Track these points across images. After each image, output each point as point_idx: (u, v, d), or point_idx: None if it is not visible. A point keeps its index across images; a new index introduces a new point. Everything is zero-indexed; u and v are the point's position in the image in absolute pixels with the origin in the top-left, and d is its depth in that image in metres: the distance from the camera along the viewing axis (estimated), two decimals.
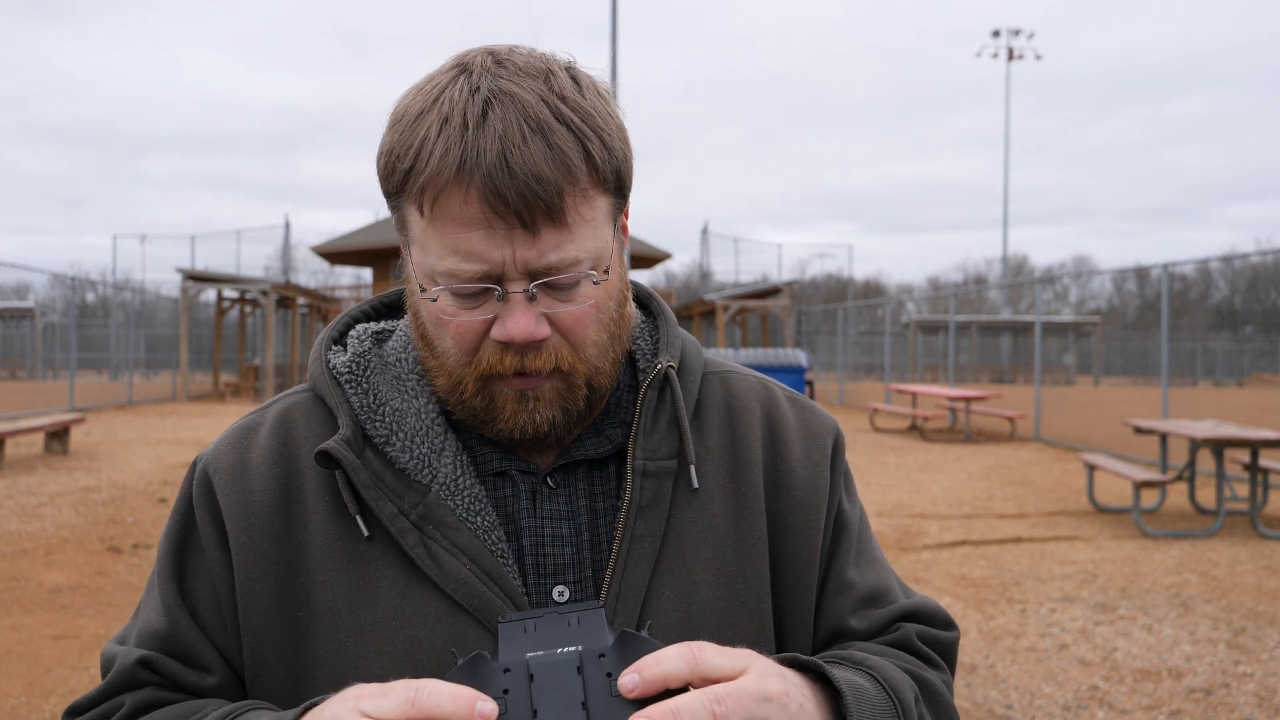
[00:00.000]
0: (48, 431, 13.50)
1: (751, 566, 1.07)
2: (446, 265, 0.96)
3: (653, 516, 1.04)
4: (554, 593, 1.03)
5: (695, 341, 1.16)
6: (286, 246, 45.01)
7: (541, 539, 1.04)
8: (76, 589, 6.55)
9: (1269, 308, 55.07)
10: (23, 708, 4.54)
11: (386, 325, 1.16)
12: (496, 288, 0.96)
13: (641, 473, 1.05)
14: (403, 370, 1.09)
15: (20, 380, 36.01)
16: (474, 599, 0.99)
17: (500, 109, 0.93)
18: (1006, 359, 47.17)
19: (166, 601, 1.06)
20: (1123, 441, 14.70)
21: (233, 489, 1.05)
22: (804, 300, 49.75)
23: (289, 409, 1.11)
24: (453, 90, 0.95)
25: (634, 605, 1.01)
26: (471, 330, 0.98)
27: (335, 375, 1.09)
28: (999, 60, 52.79)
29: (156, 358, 40.50)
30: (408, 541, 1.00)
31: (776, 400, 1.18)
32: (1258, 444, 8.57)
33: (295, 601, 1.02)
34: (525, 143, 0.92)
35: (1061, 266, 77.92)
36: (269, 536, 1.03)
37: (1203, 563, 7.68)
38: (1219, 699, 4.83)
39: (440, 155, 0.92)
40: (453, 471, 1.03)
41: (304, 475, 1.06)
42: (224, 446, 1.10)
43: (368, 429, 1.05)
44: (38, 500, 9.82)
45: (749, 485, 1.10)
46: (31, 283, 56.48)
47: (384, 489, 1.02)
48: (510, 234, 0.93)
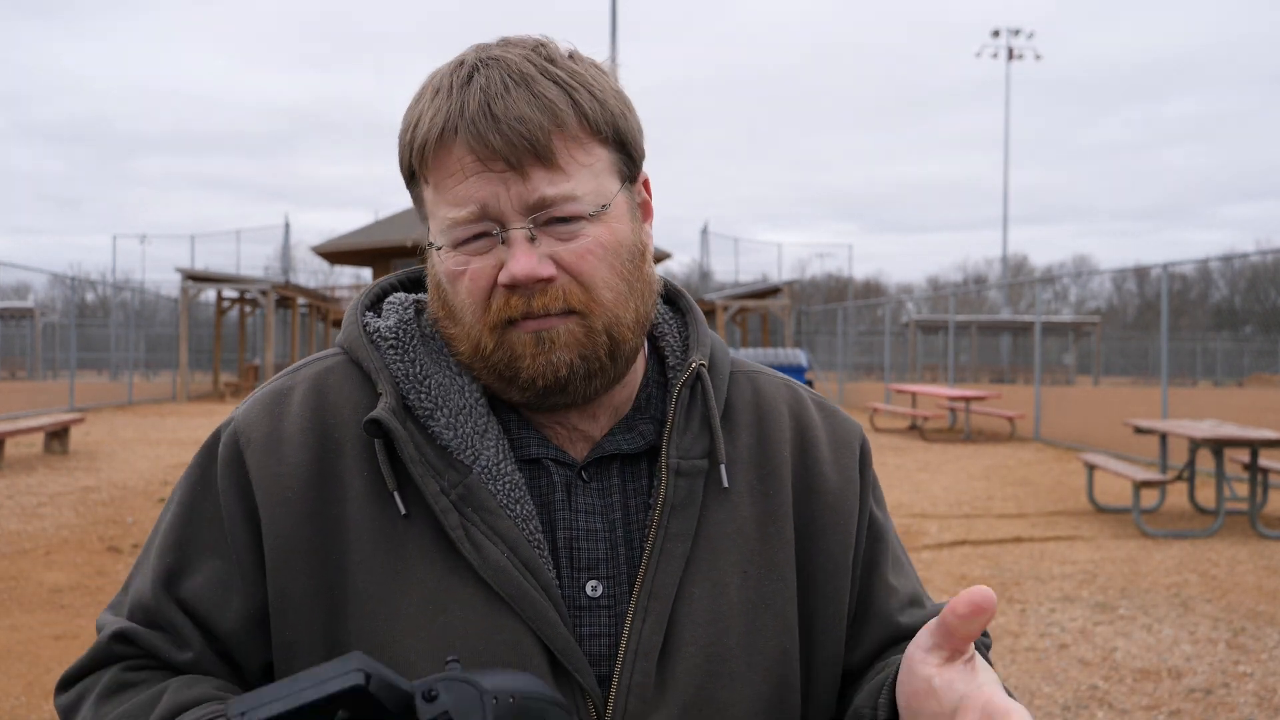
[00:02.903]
0: (48, 431, 13.50)
1: (778, 569, 1.07)
2: (447, 217, 0.98)
3: (686, 515, 1.03)
4: (587, 588, 1.02)
5: (722, 341, 1.16)
6: (286, 246, 45.04)
7: (575, 532, 1.03)
8: (76, 589, 6.55)
9: (1269, 308, 55.07)
10: (22, 708, 4.54)
11: (422, 297, 1.13)
12: (496, 226, 0.97)
13: (676, 471, 1.04)
14: (443, 345, 1.06)
15: (20, 380, 36.01)
16: (511, 588, 0.97)
17: (484, 70, 0.97)
18: (1006, 359, 47.17)
19: (159, 574, 1.03)
20: (1123, 441, 14.69)
21: (266, 461, 1.01)
22: (804, 300, 49.76)
23: (323, 373, 1.07)
24: (445, 69, 1.00)
25: (665, 603, 1.01)
26: (483, 276, 0.98)
27: (375, 340, 1.06)
28: (999, 60, 52.87)
29: (156, 358, 40.48)
30: (449, 521, 0.98)
31: (804, 404, 1.17)
32: (1258, 444, 8.57)
33: (330, 582, 0.99)
34: (508, 92, 0.95)
35: (1061, 266, 77.93)
36: (304, 513, 1.00)
37: (1202, 563, 7.68)
38: (1219, 699, 4.83)
39: (430, 119, 0.97)
40: (495, 455, 1.01)
41: (341, 447, 1.02)
42: (255, 413, 1.05)
43: (410, 400, 1.02)
44: (38, 500, 9.82)
45: (778, 488, 1.09)
46: (31, 283, 56.51)
47: (428, 464, 0.99)
48: (502, 176, 0.96)
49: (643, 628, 1.00)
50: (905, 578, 1.18)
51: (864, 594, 1.14)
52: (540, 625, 0.97)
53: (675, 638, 1.01)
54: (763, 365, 1.21)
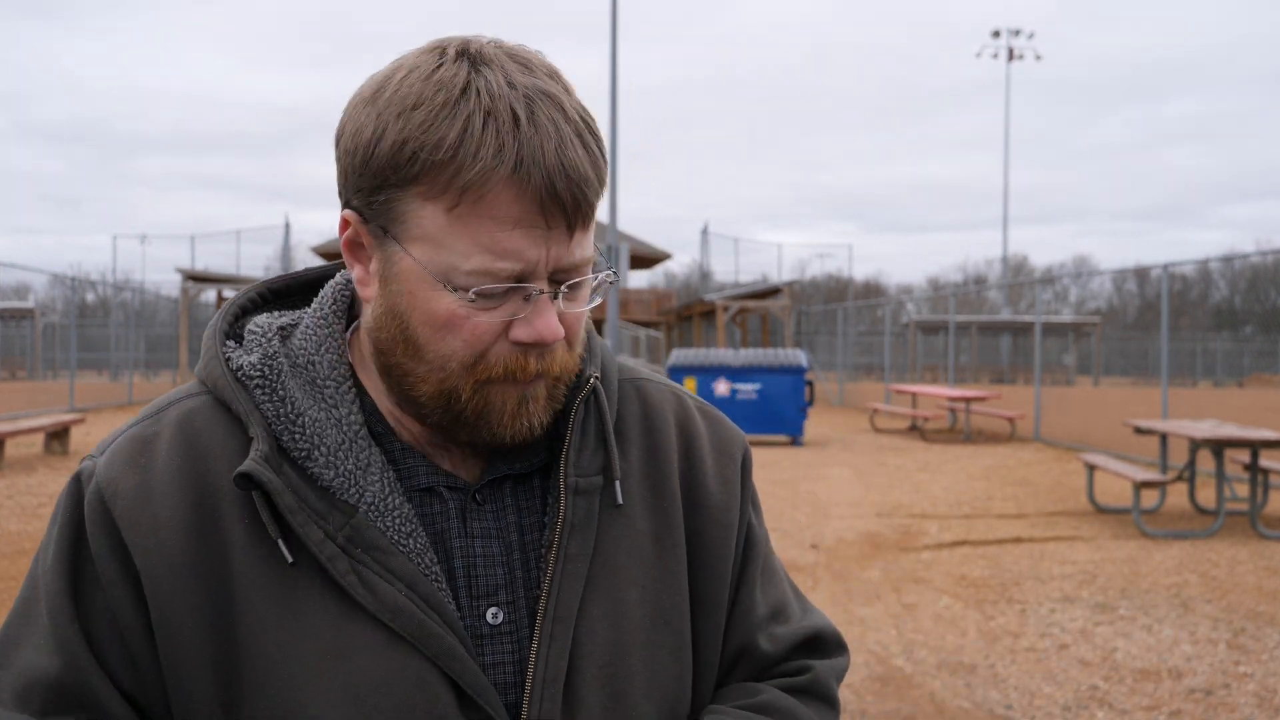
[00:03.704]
0: (48, 431, 13.50)
1: (674, 584, 1.06)
2: (475, 264, 0.91)
3: (584, 535, 1.01)
4: (488, 615, 1.00)
5: (607, 346, 1.14)
6: (286, 246, 45.02)
7: (473, 559, 1.00)
8: None
9: (1269, 308, 55.10)
10: None
11: (288, 319, 1.07)
12: (530, 287, 0.93)
13: (575, 490, 1.02)
14: (317, 375, 1.00)
15: (20, 380, 36.01)
16: (413, 628, 0.94)
17: (546, 108, 0.91)
18: (1006, 359, 47.17)
19: (64, 643, 0.94)
20: (1123, 441, 14.69)
21: (138, 516, 0.94)
22: (804, 300, 49.78)
23: (188, 416, 1.00)
24: (480, 82, 0.90)
25: (568, 627, 0.99)
26: (487, 331, 0.94)
27: (242, 379, 0.99)
28: (999, 60, 52.83)
29: (156, 358, 40.49)
30: (338, 569, 0.93)
31: (689, 412, 1.16)
32: (1258, 444, 8.57)
33: (221, 636, 0.94)
34: (573, 145, 0.91)
35: (1061, 266, 77.95)
36: (186, 569, 0.94)
37: (1203, 563, 7.68)
38: (1219, 699, 4.83)
39: (494, 151, 0.88)
40: (381, 490, 0.97)
41: (218, 494, 0.96)
42: (118, 464, 0.97)
43: (284, 441, 0.96)
44: (38, 500, 9.82)
45: (669, 501, 1.08)
46: (31, 283, 56.55)
47: (309, 511, 0.94)
48: (547, 234, 0.91)
49: (548, 654, 0.98)
50: (773, 587, 1.17)
51: (728, 606, 1.12)
52: (447, 662, 0.94)
53: (579, 661, 0.99)
54: (648, 370, 1.19)
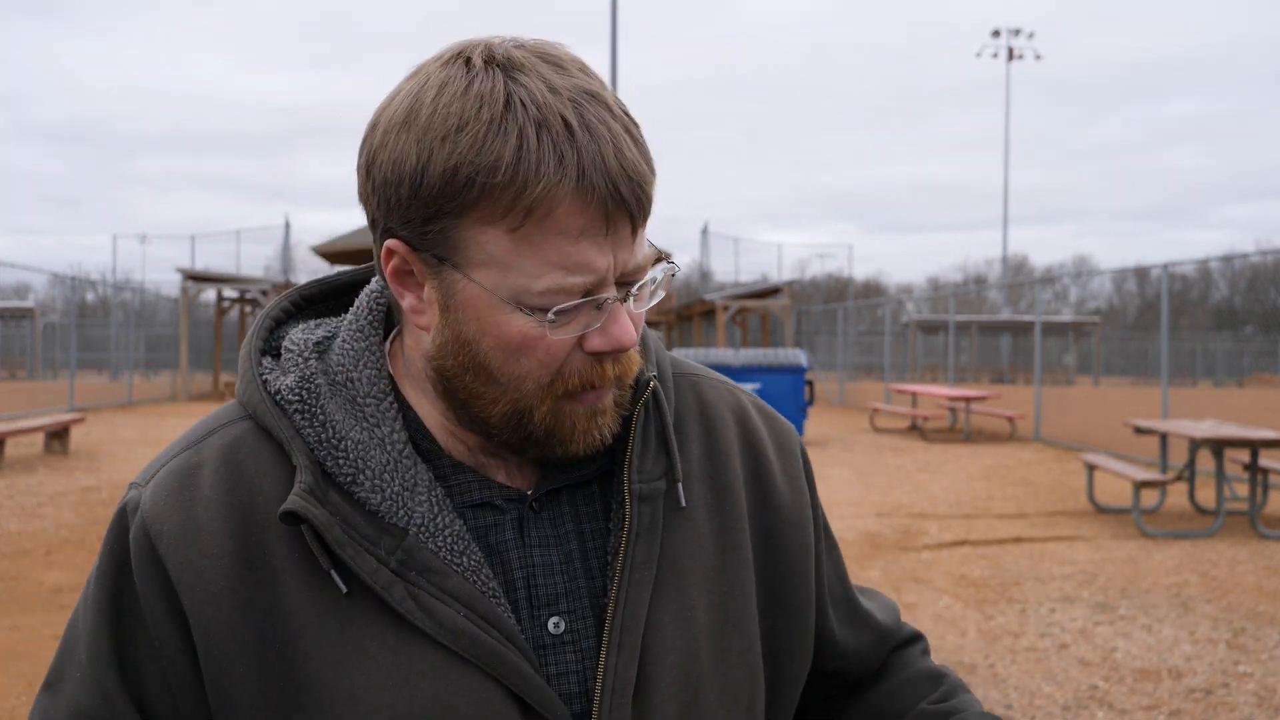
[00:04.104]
0: (48, 431, 13.51)
1: (738, 585, 1.04)
2: (547, 283, 0.88)
3: (650, 542, 0.99)
4: (549, 625, 0.97)
5: (658, 339, 1.10)
6: (286, 246, 44.98)
7: (532, 568, 0.97)
8: (76, 589, 6.54)
9: (1269, 308, 55.07)
10: (23, 708, 4.54)
11: (324, 331, 1.03)
12: (604, 296, 0.90)
13: (639, 496, 0.99)
14: (357, 392, 0.97)
15: (20, 380, 36.01)
16: (474, 648, 0.91)
17: (594, 109, 0.87)
18: (1006, 359, 47.18)
19: (101, 685, 0.93)
20: (1123, 441, 14.69)
21: (184, 554, 0.92)
22: (804, 300, 49.75)
23: (232, 445, 0.97)
24: (520, 91, 0.86)
25: (636, 635, 0.96)
26: (563, 348, 0.91)
27: (281, 403, 0.96)
28: (999, 60, 52.83)
29: (156, 358, 40.48)
30: (393, 596, 0.91)
31: (746, 409, 1.14)
32: (1258, 444, 8.58)
33: (277, 673, 0.91)
34: (628, 146, 0.88)
35: (1061, 266, 77.97)
36: (235, 606, 0.91)
37: (1203, 563, 7.68)
38: (1219, 699, 4.83)
39: (555, 164, 0.84)
40: (429, 509, 0.94)
41: (264, 527, 0.93)
42: (162, 499, 0.94)
43: (328, 467, 0.93)
44: (38, 500, 9.83)
45: (732, 502, 1.06)
46: (31, 283, 56.51)
47: (358, 539, 0.91)
48: (613, 240, 0.88)
49: (617, 664, 0.95)
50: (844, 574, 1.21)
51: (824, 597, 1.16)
52: (511, 679, 0.92)
53: (649, 670, 0.97)
54: (699, 366, 1.16)
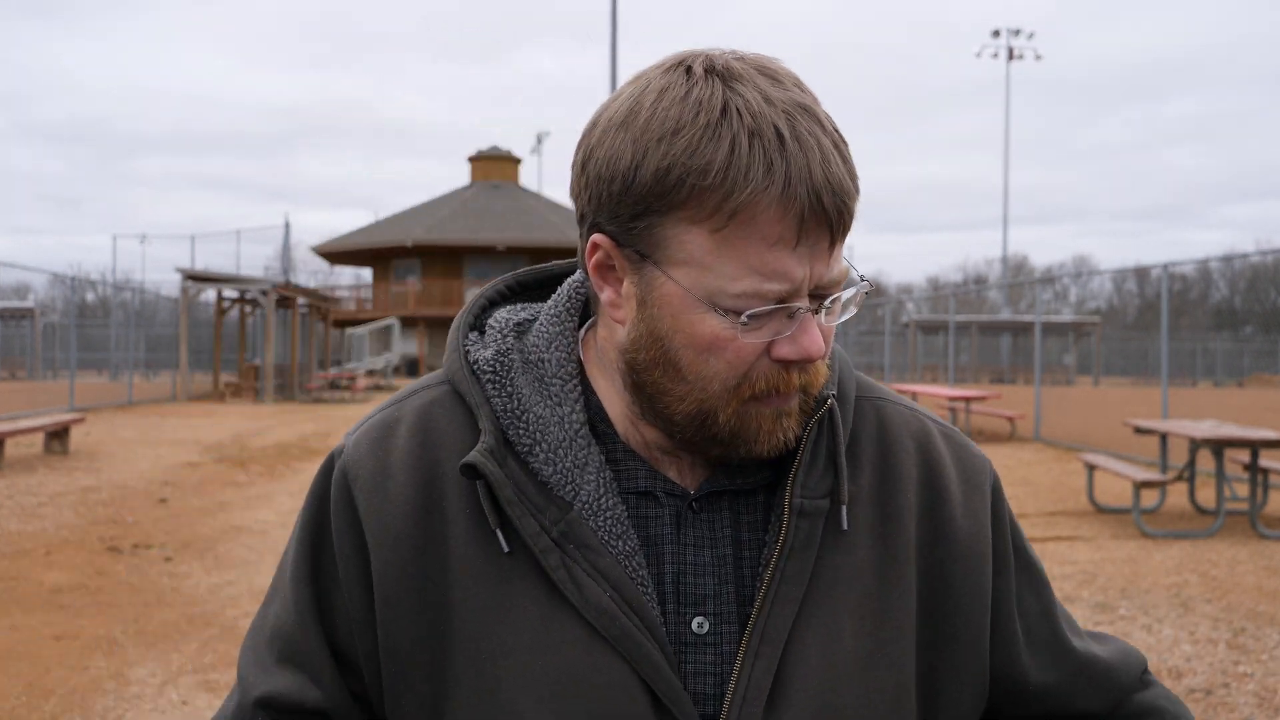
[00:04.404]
0: (48, 431, 13.50)
1: (896, 618, 1.02)
2: (743, 286, 0.91)
3: (803, 558, 0.99)
4: (693, 623, 0.99)
5: (847, 359, 1.11)
6: (286, 246, 45.02)
7: (683, 566, 1.00)
8: (76, 589, 6.54)
9: (1269, 308, 55.06)
10: (22, 708, 4.54)
11: (526, 314, 1.10)
12: (797, 305, 0.92)
13: (799, 512, 0.99)
14: (545, 372, 1.03)
15: (20, 380, 36.01)
16: (614, 629, 0.95)
17: (806, 123, 0.90)
18: (1006, 359, 47.18)
19: (298, 605, 1.04)
20: (1123, 441, 14.68)
21: (373, 498, 1.01)
22: None
23: (429, 406, 1.06)
24: (737, 100, 0.90)
25: (777, 647, 0.97)
26: (752, 352, 0.94)
27: (477, 372, 1.04)
28: (999, 60, 52.85)
29: (156, 358, 40.47)
30: (549, 561, 0.96)
31: (931, 437, 1.11)
32: (1258, 444, 8.57)
33: (437, 617, 0.98)
34: (834, 159, 0.90)
35: (1061, 266, 77.98)
36: (410, 549, 0.99)
37: (1203, 563, 7.67)
38: (1219, 699, 4.83)
39: (764, 172, 0.88)
40: (596, 489, 0.98)
41: (445, 482, 1.01)
42: (363, 447, 1.04)
43: (510, 435, 1.00)
44: (38, 500, 9.82)
45: (900, 532, 1.04)
46: (31, 283, 56.51)
47: (527, 503, 0.97)
48: (811, 251, 0.91)
49: (752, 670, 0.96)
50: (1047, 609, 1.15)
51: (1021, 642, 1.11)
52: (644, 667, 0.95)
53: (785, 683, 0.97)
54: (887, 389, 1.15)
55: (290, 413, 23.16)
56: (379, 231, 52.33)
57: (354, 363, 36.43)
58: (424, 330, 45.74)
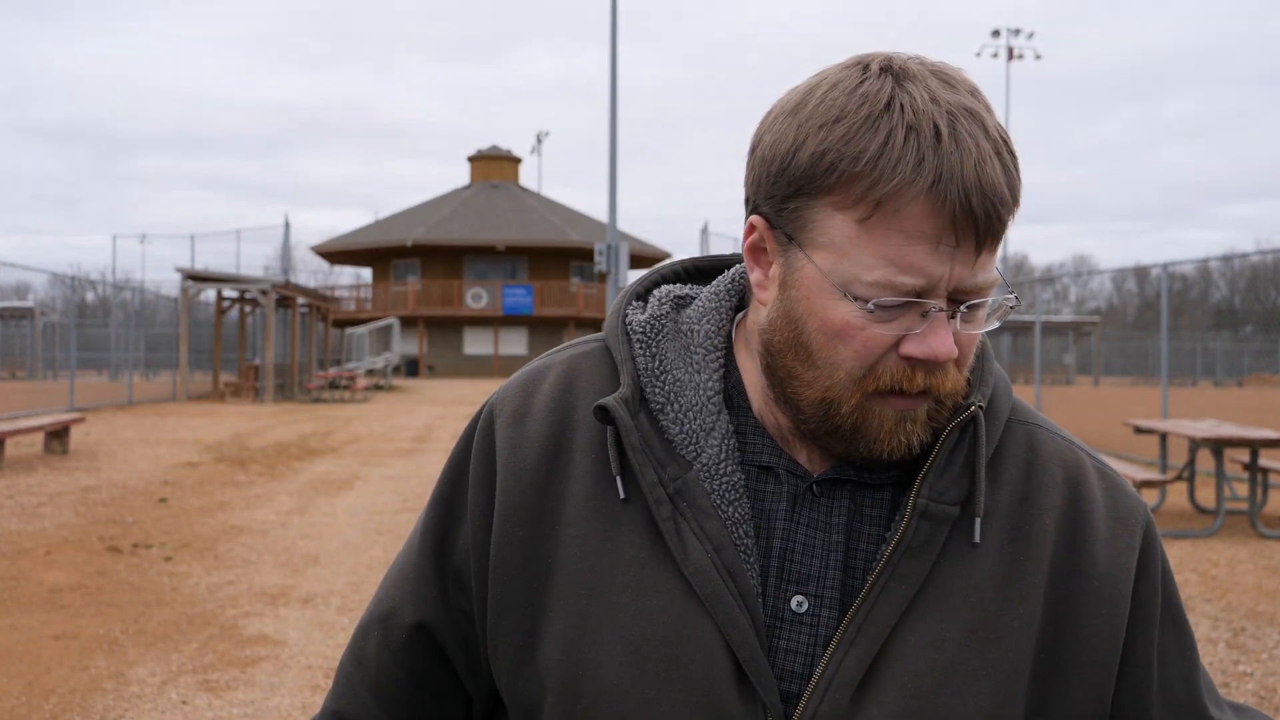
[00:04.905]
0: (48, 431, 13.50)
1: (1011, 640, 0.98)
2: (877, 276, 0.91)
3: (920, 560, 0.97)
4: (792, 601, 0.99)
5: (1007, 381, 1.09)
6: (286, 246, 45.03)
7: (793, 543, 1.00)
8: (76, 589, 6.54)
9: (1269, 307, 55.06)
10: (23, 707, 4.54)
11: (690, 290, 1.14)
12: (930, 303, 0.92)
13: (923, 513, 0.98)
14: (692, 341, 1.07)
15: (20, 380, 36.01)
16: (708, 588, 0.96)
17: (968, 124, 0.91)
18: (1006, 359, 47.16)
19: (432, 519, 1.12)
20: (1123, 441, 14.68)
21: (510, 433, 1.07)
22: None
23: (578, 358, 1.11)
24: (903, 97, 0.91)
25: (875, 641, 0.96)
26: (880, 344, 0.94)
27: (629, 331, 1.08)
28: (999, 60, 52.65)
29: (156, 357, 40.48)
30: (661, 513, 0.99)
31: (1084, 471, 1.07)
32: (1257, 444, 8.57)
33: (545, 549, 1.03)
34: (992, 163, 0.90)
35: (1061, 266, 77.96)
36: (533, 483, 1.04)
37: (1202, 562, 7.68)
38: None
39: (914, 165, 0.89)
40: (717, 454, 1.01)
41: (577, 427, 1.06)
42: (512, 388, 1.12)
43: (647, 392, 1.04)
44: (38, 500, 9.82)
45: (1032, 557, 1.01)
46: (31, 283, 56.50)
47: (650, 454, 1.00)
48: (953, 252, 0.91)
49: (844, 658, 0.95)
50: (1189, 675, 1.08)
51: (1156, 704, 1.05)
52: (730, 631, 0.95)
53: (877, 678, 0.95)
54: (1049, 420, 1.12)
55: (290, 412, 23.15)
56: (379, 231, 52.32)
57: (354, 363, 36.40)
58: (424, 330, 45.73)
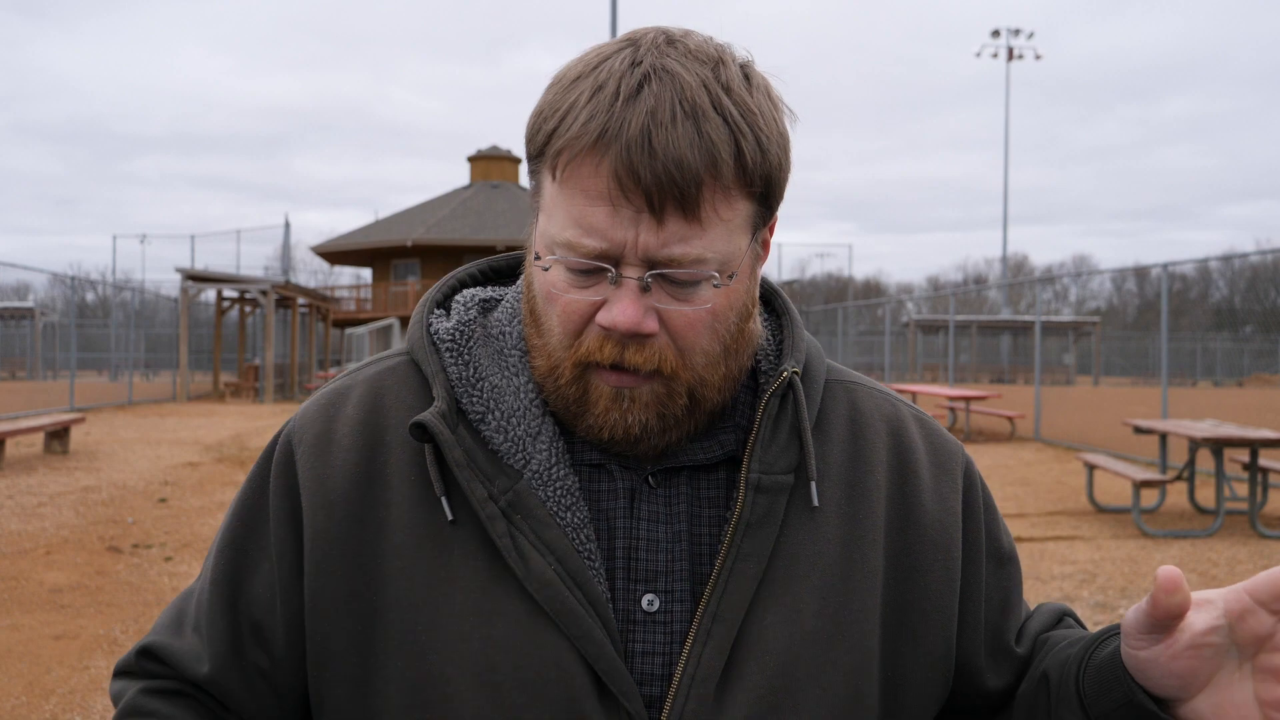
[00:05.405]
0: (48, 431, 13.49)
1: (859, 600, 0.99)
2: (566, 236, 0.90)
3: (762, 535, 0.96)
4: (643, 601, 0.96)
5: (818, 345, 1.09)
6: (286, 246, 45.01)
7: (635, 541, 0.97)
8: (76, 589, 6.54)
9: (1269, 308, 55.03)
10: (23, 707, 4.54)
11: (494, 293, 1.10)
12: (611, 269, 0.90)
13: (755, 487, 0.96)
14: (505, 345, 1.02)
15: (20, 380, 36.00)
16: (555, 602, 0.92)
17: (656, 85, 0.88)
18: (1006, 359, 47.17)
19: (215, 575, 1.03)
20: (1123, 441, 14.69)
21: (314, 462, 1.00)
22: (804, 300, 49.71)
23: (382, 375, 1.05)
24: (614, 60, 0.90)
25: (731, 628, 0.94)
26: (578, 310, 0.93)
27: (435, 342, 1.03)
28: (999, 60, 52.83)
29: (156, 358, 40.49)
30: (495, 530, 0.94)
31: (904, 421, 1.09)
32: (1257, 444, 8.57)
33: (369, 587, 0.96)
34: (674, 124, 0.86)
35: (1061, 266, 77.99)
36: (347, 515, 0.98)
37: (1202, 562, 7.68)
38: None
39: (584, 121, 0.87)
40: (548, 459, 0.96)
41: (389, 450, 1.00)
42: (311, 414, 1.04)
43: (463, 403, 0.99)
44: (38, 500, 9.82)
45: (869, 513, 1.01)
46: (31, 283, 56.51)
47: (476, 469, 0.95)
48: (637, 216, 0.88)
49: (703, 652, 0.93)
50: (1008, 605, 1.11)
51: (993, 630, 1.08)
52: (585, 644, 0.92)
53: (739, 665, 0.94)
54: (863, 376, 1.12)
55: (290, 412, 23.13)
56: (379, 231, 52.28)
57: (354, 362, 36.43)
58: None
